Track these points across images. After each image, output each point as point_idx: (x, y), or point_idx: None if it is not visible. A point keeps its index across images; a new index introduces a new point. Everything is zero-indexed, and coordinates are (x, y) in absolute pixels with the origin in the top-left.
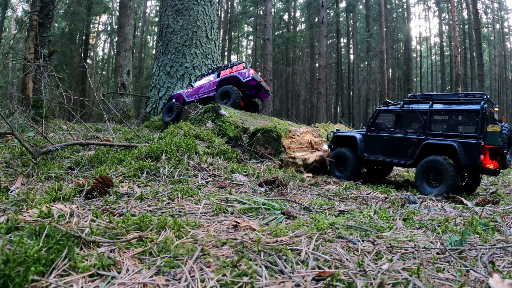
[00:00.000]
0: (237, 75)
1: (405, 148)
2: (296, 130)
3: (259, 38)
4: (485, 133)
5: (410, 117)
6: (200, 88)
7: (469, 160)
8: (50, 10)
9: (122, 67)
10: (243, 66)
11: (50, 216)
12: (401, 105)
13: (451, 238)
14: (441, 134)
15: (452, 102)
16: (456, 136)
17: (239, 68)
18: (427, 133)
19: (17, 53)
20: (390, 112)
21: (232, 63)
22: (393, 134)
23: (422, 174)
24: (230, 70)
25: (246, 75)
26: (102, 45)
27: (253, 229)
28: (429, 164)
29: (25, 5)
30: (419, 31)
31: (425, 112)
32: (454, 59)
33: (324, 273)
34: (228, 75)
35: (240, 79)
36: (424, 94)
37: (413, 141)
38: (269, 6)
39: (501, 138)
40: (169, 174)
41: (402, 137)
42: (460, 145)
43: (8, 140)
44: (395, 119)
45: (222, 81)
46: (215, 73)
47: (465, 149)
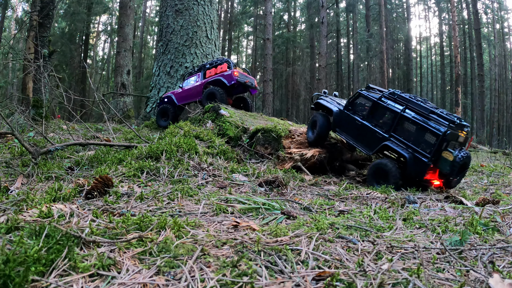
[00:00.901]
0: (222, 79)
1: (369, 139)
2: (296, 130)
3: (259, 38)
4: (438, 157)
5: (382, 112)
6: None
7: (415, 174)
8: (50, 10)
9: (122, 67)
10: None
11: (50, 216)
12: (379, 97)
13: (451, 238)
14: (401, 140)
15: (423, 115)
16: (412, 148)
17: (223, 69)
18: (391, 134)
19: (17, 53)
20: (368, 99)
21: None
22: (364, 121)
23: (373, 173)
24: (214, 70)
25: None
26: (102, 45)
27: (253, 229)
28: (377, 166)
29: (25, 5)
30: (419, 31)
31: (396, 114)
32: (454, 59)
33: (324, 273)
34: (213, 77)
35: (225, 84)
36: (403, 96)
37: (377, 136)
38: (269, 6)
39: (450, 166)
40: (169, 174)
41: (371, 128)
42: (412, 158)
43: (8, 140)
44: (370, 108)
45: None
46: (201, 72)
47: (415, 163)
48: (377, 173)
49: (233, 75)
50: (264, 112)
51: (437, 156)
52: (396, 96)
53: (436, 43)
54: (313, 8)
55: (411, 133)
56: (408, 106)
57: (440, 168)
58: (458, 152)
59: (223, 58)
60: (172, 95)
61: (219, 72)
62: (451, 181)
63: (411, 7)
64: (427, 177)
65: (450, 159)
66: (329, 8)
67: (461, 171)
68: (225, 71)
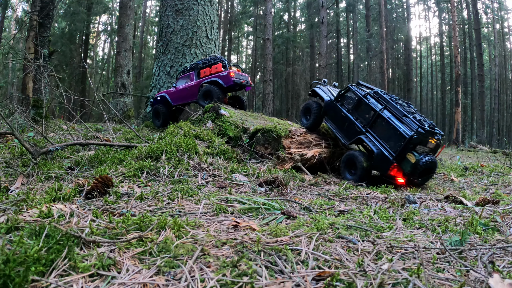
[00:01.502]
0: (218, 80)
1: (348, 130)
2: (296, 130)
3: (259, 38)
4: (402, 157)
5: (364, 108)
6: (183, 90)
7: (380, 169)
8: (50, 10)
9: (122, 67)
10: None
11: (50, 216)
12: (364, 94)
13: (451, 238)
14: (374, 137)
15: (398, 116)
16: (382, 145)
17: (218, 69)
18: (367, 129)
19: (17, 53)
20: (355, 94)
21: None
22: (348, 113)
23: (345, 164)
24: (209, 69)
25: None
26: (102, 45)
27: (253, 229)
28: (349, 157)
29: (25, 5)
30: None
31: (374, 112)
32: (454, 59)
33: (324, 273)
34: (209, 78)
35: (222, 85)
36: (384, 97)
37: (355, 129)
38: (269, 6)
39: (411, 167)
40: (169, 174)
41: (352, 121)
42: (379, 153)
43: (8, 140)
44: (356, 102)
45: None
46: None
47: (381, 159)
48: (348, 163)
49: (230, 76)
50: (264, 112)
51: (402, 157)
52: (379, 96)
53: (436, 43)
54: (313, 8)
55: (384, 131)
56: (386, 106)
57: (402, 168)
58: (423, 157)
59: (216, 56)
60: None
61: (214, 72)
62: (413, 181)
63: (411, 7)
64: (391, 173)
65: (412, 161)
66: (329, 8)
67: (424, 174)
68: (221, 71)
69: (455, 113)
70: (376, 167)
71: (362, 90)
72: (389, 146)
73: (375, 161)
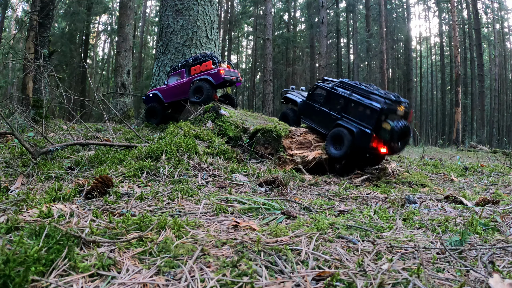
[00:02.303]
0: (209, 77)
1: (326, 121)
2: (297, 130)
3: (259, 38)
4: (379, 128)
5: (335, 98)
6: (175, 88)
7: (362, 144)
8: (50, 10)
9: (122, 67)
10: (211, 63)
11: (50, 216)
12: (331, 86)
13: (451, 238)
14: (350, 119)
15: (365, 95)
16: (359, 123)
17: (208, 67)
18: (342, 114)
19: (17, 53)
20: (323, 89)
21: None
22: (322, 107)
23: (331, 139)
24: (199, 67)
25: (218, 79)
26: (102, 45)
27: (253, 229)
28: (336, 132)
29: (25, 5)
30: (419, 31)
31: (345, 98)
32: (454, 59)
33: (324, 273)
34: (200, 76)
35: (212, 82)
36: (350, 83)
37: (332, 118)
38: (269, 6)
39: (389, 134)
40: (169, 174)
41: (327, 112)
42: (358, 131)
43: (8, 140)
44: (326, 96)
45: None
46: (185, 69)
47: (361, 135)
48: (335, 139)
49: (220, 73)
50: (264, 112)
51: (378, 127)
52: (345, 84)
53: (436, 43)
54: (313, 8)
55: (357, 111)
56: (354, 90)
57: (382, 137)
58: (396, 123)
59: (206, 53)
60: (159, 93)
61: (205, 70)
62: (394, 147)
63: (411, 7)
64: (374, 145)
65: (388, 128)
66: (329, 8)
67: (401, 138)
68: (211, 68)
69: (455, 113)
70: (359, 143)
71: (329, 84)
72: (365, 122)
73: (357, 139)
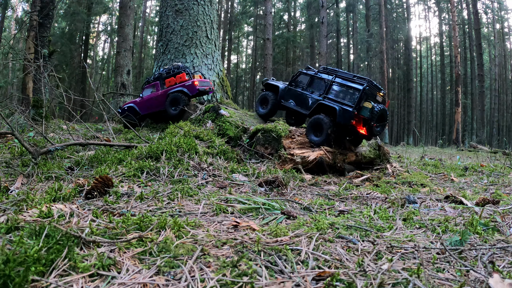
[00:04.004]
0: (184, 89)
1: (307, 102)
2: (297, 130)
3: (259, 38)
4: (360, 107)
5: (318, 82)
6: (150, 100)
7: (343, 120)
8: (50, 10)
9: (122, 67)
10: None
11: (50, 216)
12: (315, 72)
13: (451, 238)
14: (332, 99)
15: (348, 79)
16: (341, 103)
17: (183, 79)
18: (324, 96)
19: (17, 53)
20: (307, 75)
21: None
22: (304, 91)
23: (311, 127)
24: (173, 79)
25: (193, 90)
26: (102, 45)
27: (253, 229)
28: (315, 120)
29: (25, 5)
30: (419, 31)
31: (327, 81)
32: (454, 59)
33: (324, 273)
34: (175, 88)
35: (188, 94)
36: (333, 69)
37: (314, 99)
38: (269, 6)
39: (370, 113)
40: (169, 174)
41: (309, 95)
42: (340, 109)
43: (8, 140)
44: (308, 81)
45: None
46: (160, 81)
47: (343, 112)
48: (314, 126)
49: (194, 85)
50: None
51: (359, 106)
52: (328, 69)
53: (436, 43)
54: (313, 8)
55: (340, 92)
56: (337, 75)
57: (362, 114)
58: (376, 105)
59: (179, 65)
60: (135, 105)
61: (179, 82)
62: (372, 127)
63: (411, 7)
64: (354, 124)
65: (369, 106)
66: (329, 8)
67: (380, 120)
68: (185, 80)
69: (455, 113)
70: (340, 120)
71: (311, 71)
72: (347, 101)
73: (339, 116)
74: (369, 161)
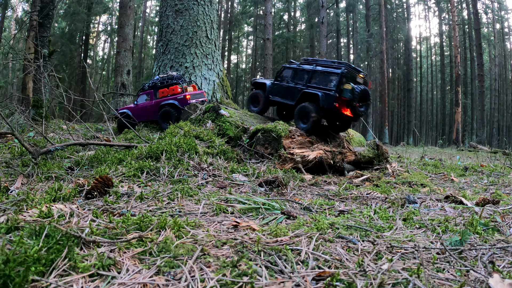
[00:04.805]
0: (175, 103)
1: (293, 94)
2: (297, 130)
3: (259, 38)
4: (341, 89)
5: (301, 73)
6: (144, 109)
7: (327, 104)
8: (50, 10)
9: (122, 67)
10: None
11: (50, 216)
12: (298, 65)
13: (451, 238)
14: (315, 87)
15: (328, 66)
16: (323, 89)
17: (175, 91)
18: (307, 85)
19: (17, 53)
20: (290, 68)
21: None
22: (289, 84)
23: (298, 115)
24: (167, 90)
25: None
26: (102, 45)
27: (253, 229)
28: (301, 108)
29: (25, 5)
30: (419, 31)
31: (309, 71)
32: (454, 59)
33: (324, 273)
34: (167, 100)
35: (178, 107)
36: (313, 59)
37: (298, 90)
38: (269, 6)
39: (351, 93)
40: (169, 174)
41: (293, 86)
42: (323, 94)
43: (8, 140)
44: (292, 74)
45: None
46: (154, 90)
47: (325, 97)
48: (301, 114)
49: (186, 99)
50: None
51: (340, 89)
52: (308, 60)
53: (436, 43)
54: (313, 8)
55: (321, 79)
56: (317, 64)
57: (344, 96)
58: (357, 86)
59: (173, 76)
60: (129, 111)
61: (172, 94)
62: (356, 107)
63: (411, 7)
64: (337, 106)
65: (349, 88)
66: (329, 8)
67: (362, 100)
68: (178, 93)
69: (455, 113)
70: (324, 104)
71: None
72: (328, 86)
73: (322, 101)
74: (368, 160)
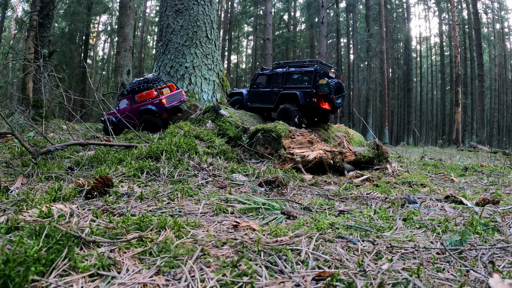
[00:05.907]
0: (152, 107)
1: (271, 98)
2: (297, 130)
3: (259, 38)
4: (317, 85)
5: (275, 77)
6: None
7: (306, 102)
8: (50, 10)
9: (122, 67)
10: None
11: (50, 216)
12: (271, 70)
13: (451, 238)
14: (291, 87)
15: (301, 66)
16: (300, 87)
17: (151, 95)
18: (284, 87)
19: (17, 53)
20: (264, 74)
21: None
22: (265, 89)
23: (280, 117)
24: (143, 95)
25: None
26: (102, 45)
27: (253, 229)
28: (283, 109)
29: (25, 5)
30: (419, 31)
31: (283, 74)
32: (454, 59)
33: (324, 273)
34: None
35: (156, 111)
36: (285, 62)
37: (275, 93)
38: (269, 6)
39: (327, 87)
40: (169, 174)
41: (270, 91)
42: (300, 92)
43: (8, 140)
44: (267, 79)
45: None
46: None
47: (304, 95)
48: (283, 115)
49: (162, 103)
50: None
51: (316, 84)
52: (280, 64)
53: (436, 43)
54: (313, 8)
55: (296, 79)
56: (289, 65)
57: (321, 91)
58: (331, 80)
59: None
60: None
61: (149, 99)
62: (333, 100)
63: (411, 7)
64: (316, 101)
65: (324, 82)
66: (329, 8)
67: (338, 92)
68: (154, 97)
69: (455, 113)
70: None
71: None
72: (304, 85)
73: (301, 99)
74: (368, 160)
